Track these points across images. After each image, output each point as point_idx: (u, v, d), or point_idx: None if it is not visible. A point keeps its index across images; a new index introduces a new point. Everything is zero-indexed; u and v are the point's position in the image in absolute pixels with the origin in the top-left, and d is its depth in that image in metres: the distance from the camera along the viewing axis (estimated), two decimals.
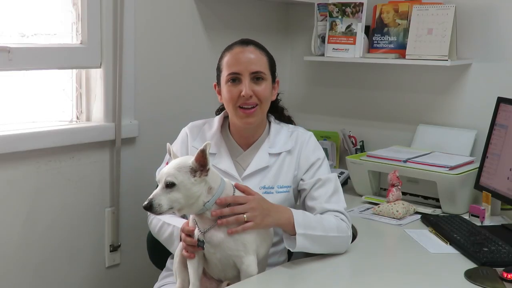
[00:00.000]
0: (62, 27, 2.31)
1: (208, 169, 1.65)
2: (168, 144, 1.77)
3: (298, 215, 1.81)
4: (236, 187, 1.76)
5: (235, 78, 1.91)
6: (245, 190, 1.76)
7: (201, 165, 1.63)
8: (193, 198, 1.64)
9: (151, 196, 1.61)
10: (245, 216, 1.69)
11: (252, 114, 1.91)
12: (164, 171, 1.63)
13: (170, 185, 1.60)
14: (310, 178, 1.95)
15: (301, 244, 1.78)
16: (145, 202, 1.60)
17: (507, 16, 2.57)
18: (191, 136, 2.02)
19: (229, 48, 1.97)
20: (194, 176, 1.63)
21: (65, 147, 2.28)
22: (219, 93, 1.99)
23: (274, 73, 2.00)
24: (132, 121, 2.48)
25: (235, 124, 1.98)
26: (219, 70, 1.98)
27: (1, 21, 2.14)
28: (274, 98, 2.02)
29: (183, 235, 1.75)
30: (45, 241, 2.27)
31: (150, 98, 2.56)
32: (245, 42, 1.96)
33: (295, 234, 1.78)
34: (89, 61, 2.34)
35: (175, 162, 1.65)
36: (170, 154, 1.74)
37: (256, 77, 1.91)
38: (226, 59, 1.94)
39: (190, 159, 1.65)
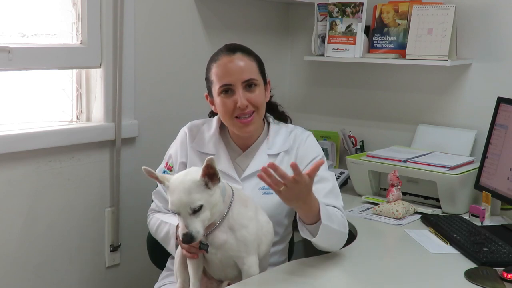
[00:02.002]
0: (62, 27, 2.31)
1: (219, 177, 1.62)
2: (147, 170, 1.65)
3: (322, 206, 1.76)
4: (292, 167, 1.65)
5: (227, 89, 1.88)
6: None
7: (210, 176, 1.61)
8: (215, 207, 1.63)
9: (185, 230, 1.56)
10: (282, 188, 1.63)
11: (250, 122, 1.90)
12: (183, 200, 1.57)
13: (198, 209, 1.58)
14: None
15: (321, 234, 1.73)
16: (183, 238, 1.57)
17: (507, 16, 2.57)
18: (190, 136, 2.01)
19: (215, 58, 1.92)
20: (209, 188, 1.61)
21: (65, 147, 2.28)
22: (212, 103, 1.97)
23: (264, 75, 1.97)
24: (132, 121, 2.48)
25: (233, 131, 1.97)
26: (209, 81, 1.94)
27: (1, 21, 2.14)
28: (267, 99, 1.99)
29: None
30: (45, 241, 2.27)
31: (150, 98, 2.56)
32: (231, 50, 1.91)
33: (311, 223, 1.75)
34: (89, 61, 2.34)
35: (185, 187, 1.58)
36: (160, 182, 1.64)
37: (249, 85, 1.88)
38: (215, 70, 1.90)
39: (196, 175, 1.60)
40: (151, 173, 1.66)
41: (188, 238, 1.57)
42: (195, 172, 1.62)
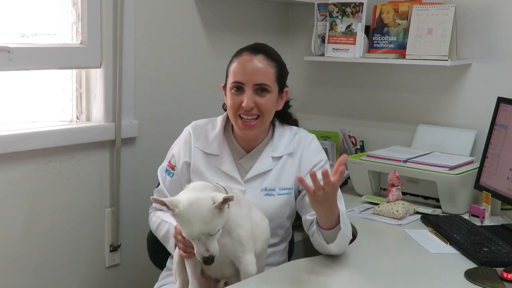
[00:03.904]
0: (62, 27, 2.31)
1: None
2: (155, 199, 1.60)
3: (341, 212, 1.77)
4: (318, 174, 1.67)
5: (238, 87, 1.88)
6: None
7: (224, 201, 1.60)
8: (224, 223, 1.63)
9: (207, 254, 1.55)
10: (319, 193, 1.63)
11: (253, 127, 1.89)
12: (203, 231, 1.54)
13: (216, 232, 1.58)
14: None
15: (338, 240, 1.76)
16: (206, 260, 1.56)
17: (507, 16, 2.57)
18: (194, 136, 2.00)
19: (239, 53, 1.92)
20: (222, 210, 1.59)
21: (65, 147, 2.28)
22: (225, 95, 1.97)
23: (282, 83, 1.95)
24: (132, 121, 2.48)
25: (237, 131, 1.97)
26: (227, 74, 1.94)
27: (1, 21, 2.14)
28: (279, 108, 1.98)
29: (179, 237, 1.74)
30: (45, 241, 2.27)
31: (150, 98, 2.56)
32: (255, 50, 1.91)
33: (328, 229, 1.75)
34: (89, 61, 2.34)
35: (203, 217, 1.54)
36: (169, 208, 1.58)
37: (260, 89, 1.88)
38: (233, 65, 1.90)
39: (209, 202, 1.56)
40: (159, 201, 1.59)
41: (211, 260, 1.57)
42: (207, 196, 1.57)
